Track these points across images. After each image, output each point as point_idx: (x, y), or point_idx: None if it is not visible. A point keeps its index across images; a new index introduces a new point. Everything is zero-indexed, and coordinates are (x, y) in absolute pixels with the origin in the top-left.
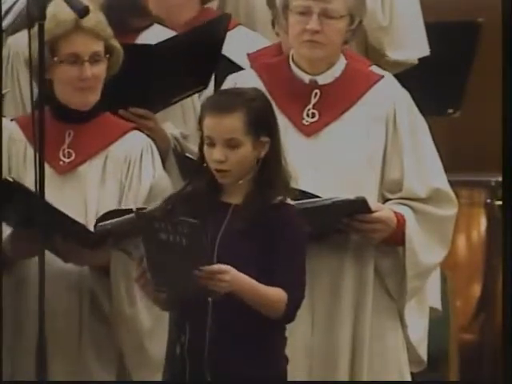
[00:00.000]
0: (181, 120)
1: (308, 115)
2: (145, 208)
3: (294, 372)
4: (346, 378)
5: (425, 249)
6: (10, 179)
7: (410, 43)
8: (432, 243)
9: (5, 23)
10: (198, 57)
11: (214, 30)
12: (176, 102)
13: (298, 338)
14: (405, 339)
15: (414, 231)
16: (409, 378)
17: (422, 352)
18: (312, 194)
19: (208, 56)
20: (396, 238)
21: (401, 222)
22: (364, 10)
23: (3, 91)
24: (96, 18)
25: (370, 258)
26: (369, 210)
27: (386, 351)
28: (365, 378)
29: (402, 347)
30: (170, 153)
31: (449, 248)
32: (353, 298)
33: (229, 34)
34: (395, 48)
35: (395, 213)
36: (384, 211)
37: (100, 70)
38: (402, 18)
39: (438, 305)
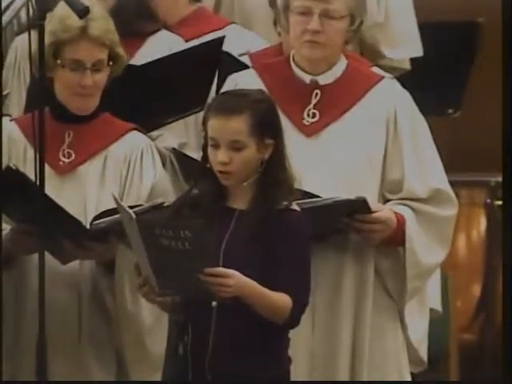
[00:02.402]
0: (182, 126)
1: (308, 115)
2: (141, 205)
3: (294, 372)
4: (346, 378)
5: (425, 249)
6: (13, 167)
7: (405, 41)
8: (432, 243)
9: (3, 20)
10: (192, 79)
11: (207, 52)
12: (170, 123)
13: (299, 339)
14: (405, 339)
15: (414, 231)
16: (409, 378)
17: (423, 352)
18: (312, 194)
19: (203, 78)
20: (396, 238)
21: (401, 222)
22: (365, 10)
23: (4, 92)
24: (104, 26)
25: (370, 258)
26: (369, 210)
27: (386, 351)
28: (365, 379)
29: (402, 347)
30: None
31: (449, 248)
32: (353, 298)
33: (221, 32)
34: (390, 45)
35: (395, 213)
36: (384, 211)
37: (101, 77)
38: (398, 16)
39: (438, 306)
